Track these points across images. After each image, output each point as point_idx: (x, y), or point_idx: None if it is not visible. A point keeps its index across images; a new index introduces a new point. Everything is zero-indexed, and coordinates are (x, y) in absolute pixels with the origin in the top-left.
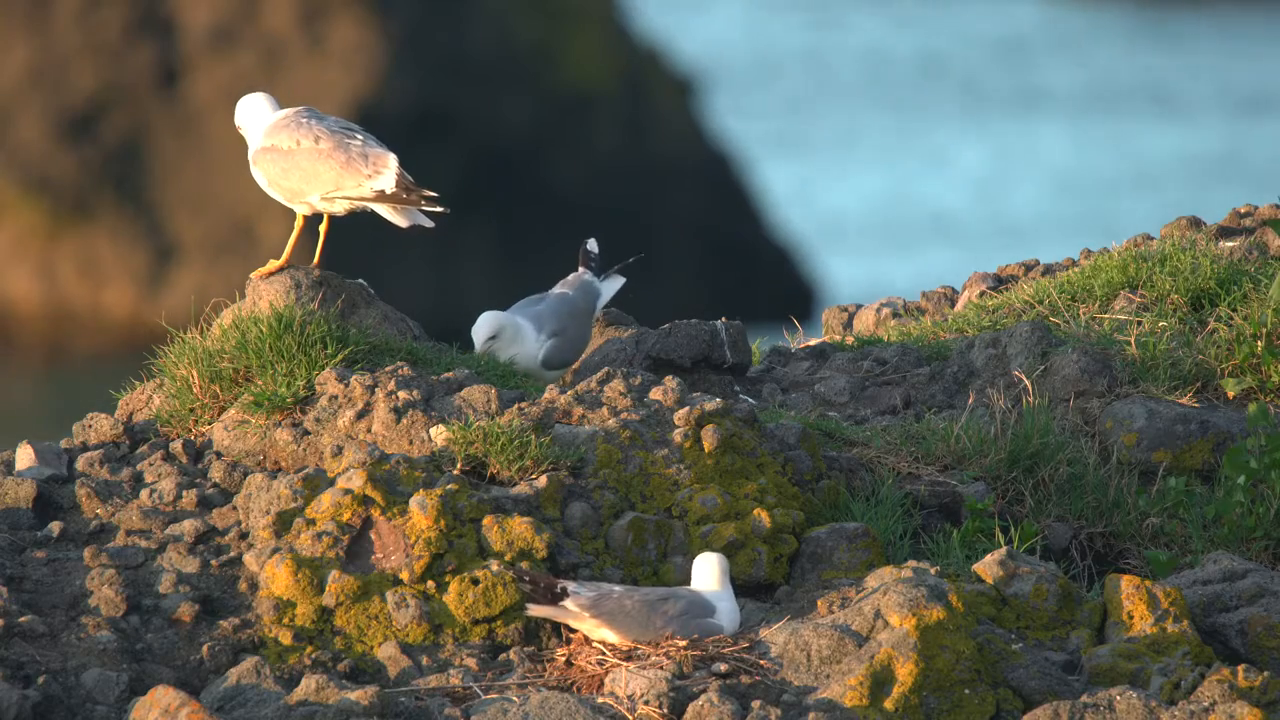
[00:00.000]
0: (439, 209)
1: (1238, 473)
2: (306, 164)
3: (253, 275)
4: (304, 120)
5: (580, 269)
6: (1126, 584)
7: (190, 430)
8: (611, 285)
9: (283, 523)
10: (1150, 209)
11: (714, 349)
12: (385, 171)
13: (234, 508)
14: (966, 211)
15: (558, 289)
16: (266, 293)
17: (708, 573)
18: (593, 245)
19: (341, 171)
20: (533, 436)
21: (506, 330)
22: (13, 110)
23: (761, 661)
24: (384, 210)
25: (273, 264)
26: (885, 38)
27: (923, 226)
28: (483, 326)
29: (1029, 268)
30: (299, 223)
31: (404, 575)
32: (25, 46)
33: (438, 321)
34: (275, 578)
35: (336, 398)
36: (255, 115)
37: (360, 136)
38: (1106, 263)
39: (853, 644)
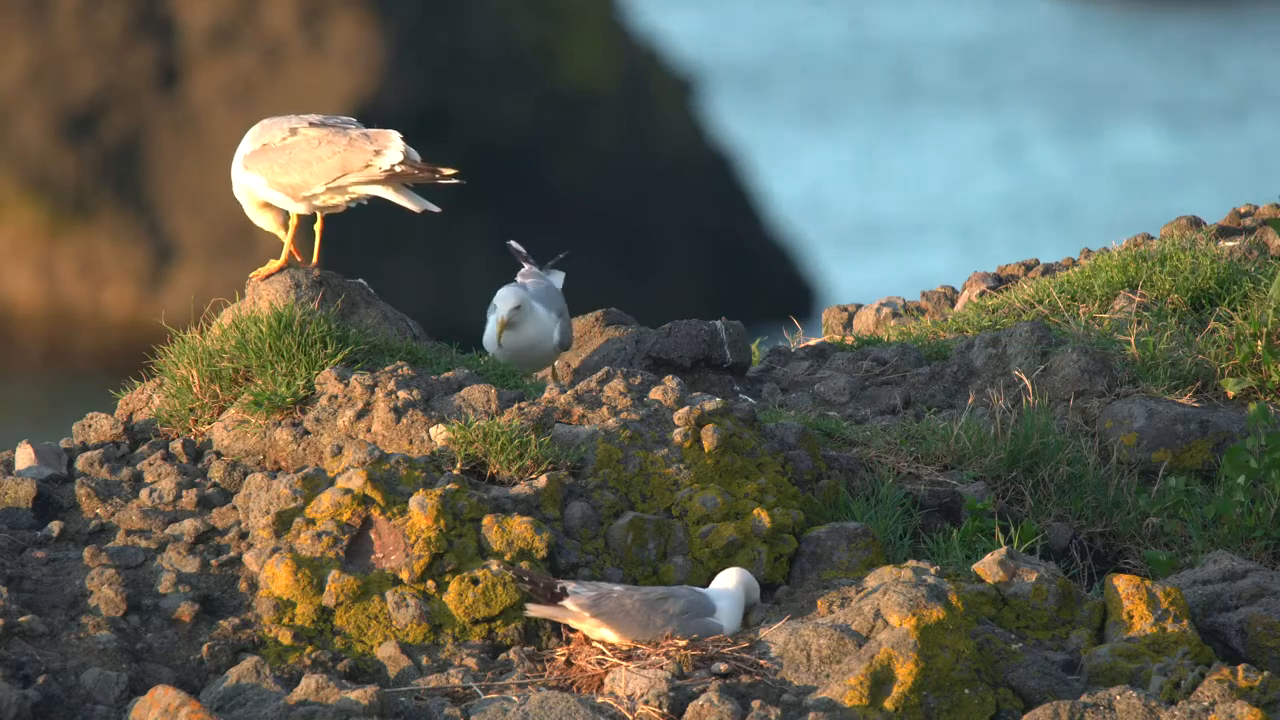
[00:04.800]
0: (454, 181)
1: (1238, 473)
2: (306, 153)
3: (252, 276)
4: (288, 116)
5: (526, 265)
6: (1126, 584)
7: (190, 430)
8: (558, 278)
9: (283, 522)
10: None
11: (714, 349)
12: (391, 146)
13: (234, 508)
14: None
15: (530, 280)
16: (266, 292)
17: (725, 580)
18: (518, 245)
19: (346, 153)
20: (533, 436)
21: (526, 305)
22: (13, 110)
23: (761, 661)
24: (392, 195)
25: (272, 264)
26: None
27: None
28: (509, 297)
29: (1029, 267)
30: (293, 221)
31: (404, 575)
32: (25, 46)
33: (438, 321)
34: (275, 577)
35: (336, 397)
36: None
37: (353, 123)
38: (1106, 262)
39: (853, 644)
